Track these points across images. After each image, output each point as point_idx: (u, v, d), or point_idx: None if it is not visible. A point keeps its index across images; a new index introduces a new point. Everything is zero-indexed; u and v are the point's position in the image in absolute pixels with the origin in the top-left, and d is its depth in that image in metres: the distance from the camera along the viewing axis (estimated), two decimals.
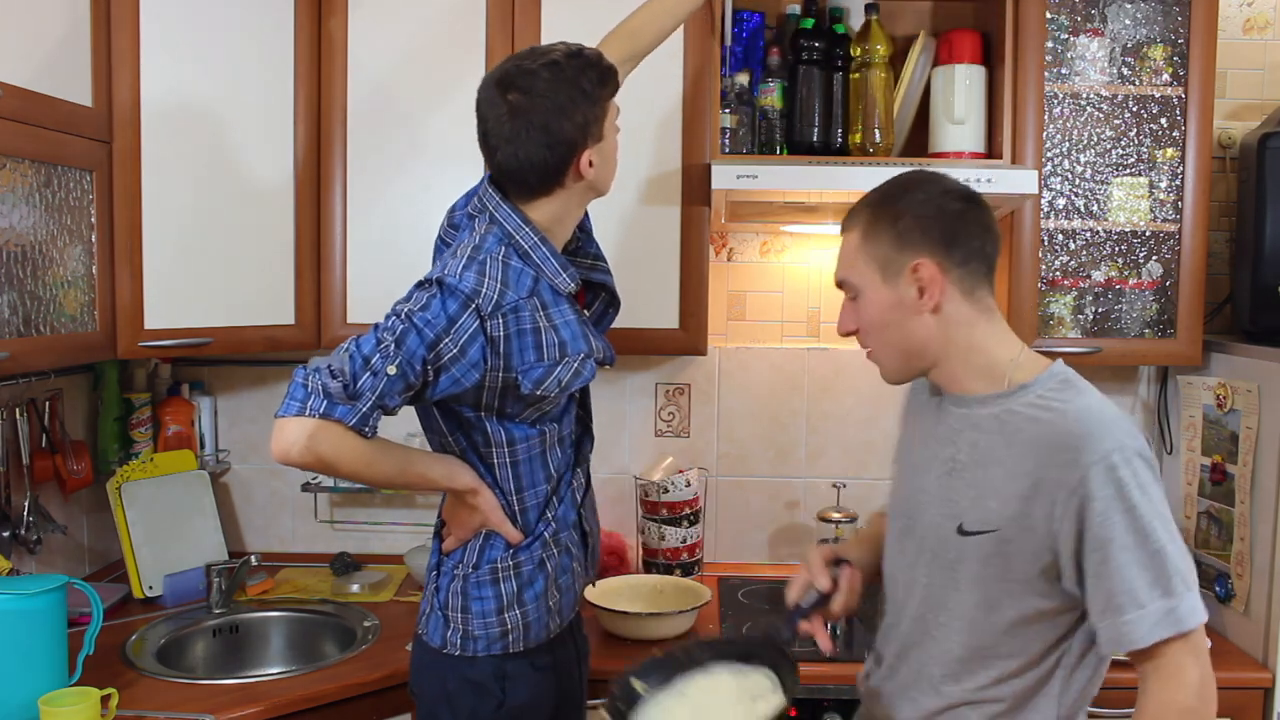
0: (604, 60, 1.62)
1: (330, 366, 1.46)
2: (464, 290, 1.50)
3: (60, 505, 2.31)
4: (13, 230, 1.78)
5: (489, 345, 1.52)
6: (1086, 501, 1.29)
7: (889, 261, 1.40)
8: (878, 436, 2.63)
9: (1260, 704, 2.02)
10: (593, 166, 1.60)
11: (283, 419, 1.44)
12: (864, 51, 2.30)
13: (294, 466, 1.48)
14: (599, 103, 1.59)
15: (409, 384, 1.48)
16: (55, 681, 1.73)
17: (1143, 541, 1.27)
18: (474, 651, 1.64)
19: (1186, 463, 2.33)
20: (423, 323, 1.48)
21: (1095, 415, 1.32)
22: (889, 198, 1.43)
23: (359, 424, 1.45)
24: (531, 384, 1.56)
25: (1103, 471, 1.28)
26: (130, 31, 2.05)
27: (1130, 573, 1.27)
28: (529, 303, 1.56)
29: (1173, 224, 2.28)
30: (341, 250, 2.30)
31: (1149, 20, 2.28)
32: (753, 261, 2.63)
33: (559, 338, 1.59)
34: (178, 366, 2.60)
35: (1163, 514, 1.29)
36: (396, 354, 1.46)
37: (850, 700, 2.00)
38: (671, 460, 2.56)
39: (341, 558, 2.50)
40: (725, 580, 2.50)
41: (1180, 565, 1.28)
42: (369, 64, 2.28)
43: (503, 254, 1.57)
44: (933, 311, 1.39)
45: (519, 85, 1.56)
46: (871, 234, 1.42)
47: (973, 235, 1.39)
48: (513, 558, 1.65)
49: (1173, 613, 1.26)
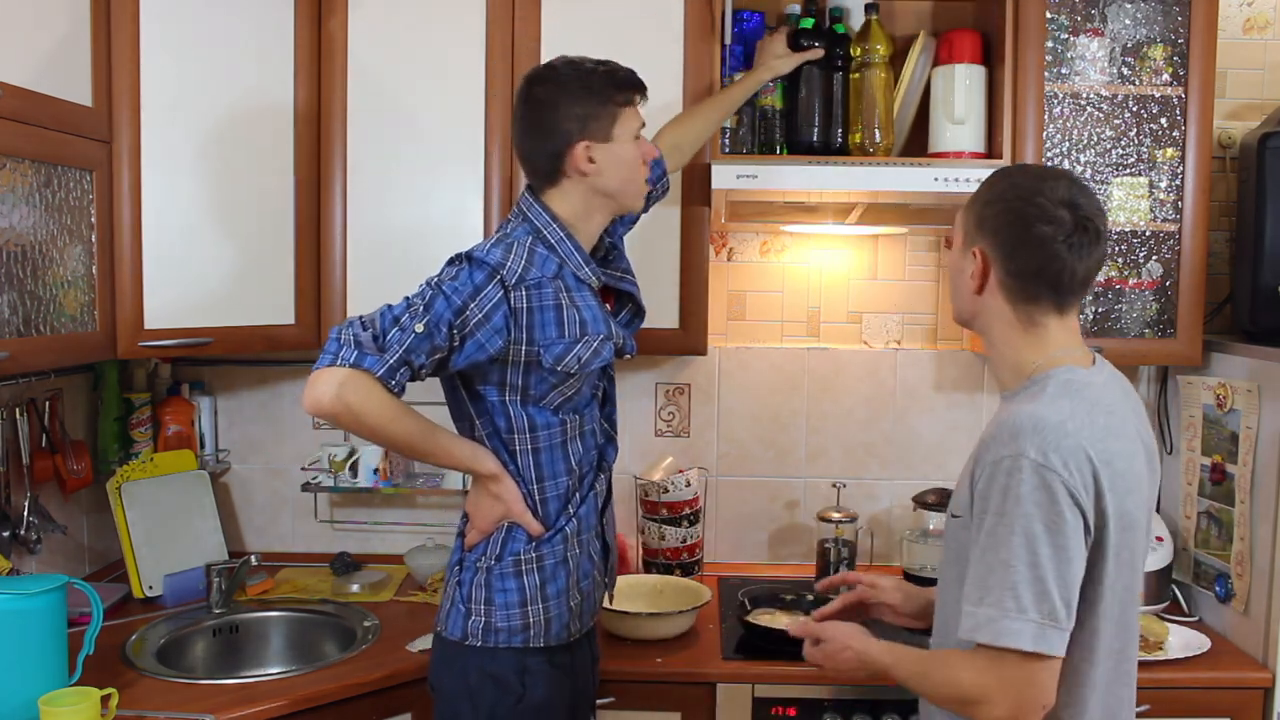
0: (628, 73, 1.72)
1: (363, 319, 1.55)
2: (490, 262, 1.60)
3: (60, 505, 2.30)
4: (13, 230, 1.78)
5: (512, 316, 1.59)
6: (978, 494, 1.35)
7: (969, 235, 1.48)
8: (877, 437, 2.63)
9: (1260, 704, 2.02)
10: (594, 163, 1.68)
11: (317, 370, 1.53)
12: (864, 51, 2.30)
13: (324, 418, 1.57)
14: (607, 103, 1.68)
15: (435, 345, 1.55)
16: (55, 681, 1.73)
17: (996, 547, 1.30)
18: (495, 643, 1.67)
19: (1186, 463, 2.33)
20: (450, 290, 1.57)
21: (1033, 419, 1.33)
22: (1008, 178, 1.46)
23: (386, 375, 1.52)
24: (553, 359, 1.63)
25: (1002, 469, 1.32)
26: (130, 31, 2.04)
27: (976, 570, 1.33)
28: (553, 283, 1.65)
29: (1173, 224, 2.28)
30: (341, 250, 2.30)
31: (1149, 20, 2.28)
32: (753, 261, 2.63)
33: (580, 317, 1.66)
34: (178, 366, 2.60)
35: (1036, 532, 1.28)
36: (424, 314, 1.55)
37: (851, 700, 2.00)
38: (671, 460, 2.56)
39: (341, 558, 2.50)
40: (725, 580, 2.50)
41: (1020, 585, 1.28)
42: (369, 64, 2.28)
43: (530, 241, 1.67)
44: (976, 291, 1.47)
45: (538, 78, 1.71)
46: (973, 201, 1.48)
47: (1037, 259, 1.40)
48: (535, 550, 1.69)
49: (992, 624, 1.29)
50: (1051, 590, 1.28)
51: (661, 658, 2.04)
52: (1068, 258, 1.40)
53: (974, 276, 1.46)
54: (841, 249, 2.61)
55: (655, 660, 2.03)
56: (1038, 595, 1.28)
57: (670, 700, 2.01)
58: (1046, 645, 1.28)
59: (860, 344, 2.64)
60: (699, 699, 2.01)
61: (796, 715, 2.00)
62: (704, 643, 2.12)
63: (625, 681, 2.00)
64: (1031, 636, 1.28)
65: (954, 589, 1.43)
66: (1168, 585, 2.30)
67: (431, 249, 2.23)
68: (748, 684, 2.01)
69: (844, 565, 2.38)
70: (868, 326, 2.63)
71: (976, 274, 1.45)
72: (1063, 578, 1.29)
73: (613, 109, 1.68)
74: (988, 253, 1.44)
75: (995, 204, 1.44)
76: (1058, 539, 1.29)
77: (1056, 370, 1.42)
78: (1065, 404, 1.36)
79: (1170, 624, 2.18)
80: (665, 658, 2.04)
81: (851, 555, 2.40)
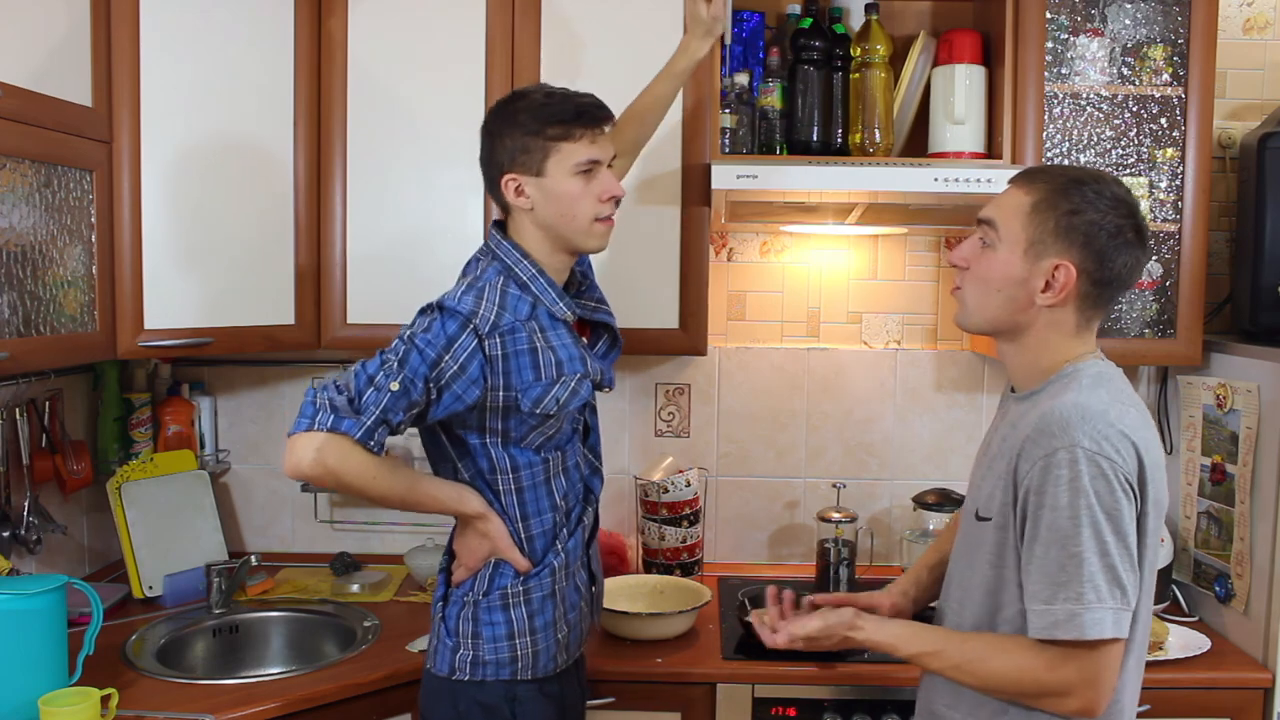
0: (570, 106, 1.64)
1: (337, 383, 1.53)
2: (462, 311, 1.58)
3: (60, 505, 2.31)
4: (13, 230, 1.78)
5: (488, 364, 1.58)
6: (1032, 490, 1.33)
7: (1041, 244, 1.39)
8: (877, 437, 2.63)
9: (1260, 704, 2.02)
10: (525, 197, 1.65)
11: (294, 435, 1.51)
12: (864, 51, 2.30)
13: (307, 481, 1.54)
14: (537, 136, 1.63)
15: (412, 401, 1.53)
16: (55, 681, 1.73)
17: (1063, 542, 1.30)
18: (482, 676, 1.67)
19: (1186, 463, 2.33)
20: (424, 343, 1.55)
21: (1079, 409, 1.33)
22: (1080, 184, 1.40)
23: (364, 437, 1.50)
24: (531, 402, 1.61)
25: (1057, 462, 1.30)
26: (130, 31, 2.04)
27: (1042, 567, 1.31)
28: (526, 325, 1.63)
29: (1173, 224, 2.28)
30: (341, 250, 2.30)
31: (1149, 20, 2.28)
32: (753, 261, 2.63)
33: (556, 358, 1.64)
34: (178, 366, 2.60)
35: (1100, 520, 1.29)
36: (399, 371, 1.52)
37: (851, 700, 2.00)
38: (671, 460, 2.56)
39: (341, 558, 2.49)
40: (725, 580, 2.50)
41: (1096, 575, 1.28)
42: (369, 64, 2.28)
43: (501, 283, 1.65)
44: (1050, 304, 1.41)
45: (497, 104, 1.70)
46: (1045, 208, 1.40)
47: (1125, 270, 1.40)
48: (523, 584, 1.68)
49: (1074, 619, 1.29)
50: (1122, 575, 1.30)
51: (661, 658, 2.04)
52: (1143, 261, 1.41)
53: (1049, 293, 1.39)
54: (841, 249, 2.61)
55: (655, 660, 2.03)
56: (1111, 582, 1.29)
57: (670, 700, 2.01)
58: (1123, 629, 1.30)
59: (860, 344, 2.64)
60: (699, 699, 2.01)
61: (796, 715, 2.00)
62: (704, 643, 2.12)
63: (625, 681, 2.00)
64: (1113, 623, 1.29)
65: (976, 594, 1.43)
66: (1168, 585, 2.30)
67: (431, 249, 2.26)
68: (748, 684, 2.01)
69: (844, 565, 2.38)
70: (868, 326, 2.63)
71: (1060, 288, 1.39)
72: (1128, 560, 1.31)
73: (543, 143, 1.62)
74: (1077, 267, 1.38)
75: (1086, 213, 1.37)
76: (1119, 524, 1.30)
77: (1084, 364, 1.42)
78: (1103, 393, 1.37)
79: (1170, 624, 2.18)
80: (665, 658, 2.04)
81: (851, 555, 2.40)
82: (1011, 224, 1.41)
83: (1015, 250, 1.41)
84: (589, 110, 1.65)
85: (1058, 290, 1.39)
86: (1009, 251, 1.41)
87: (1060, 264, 1.38)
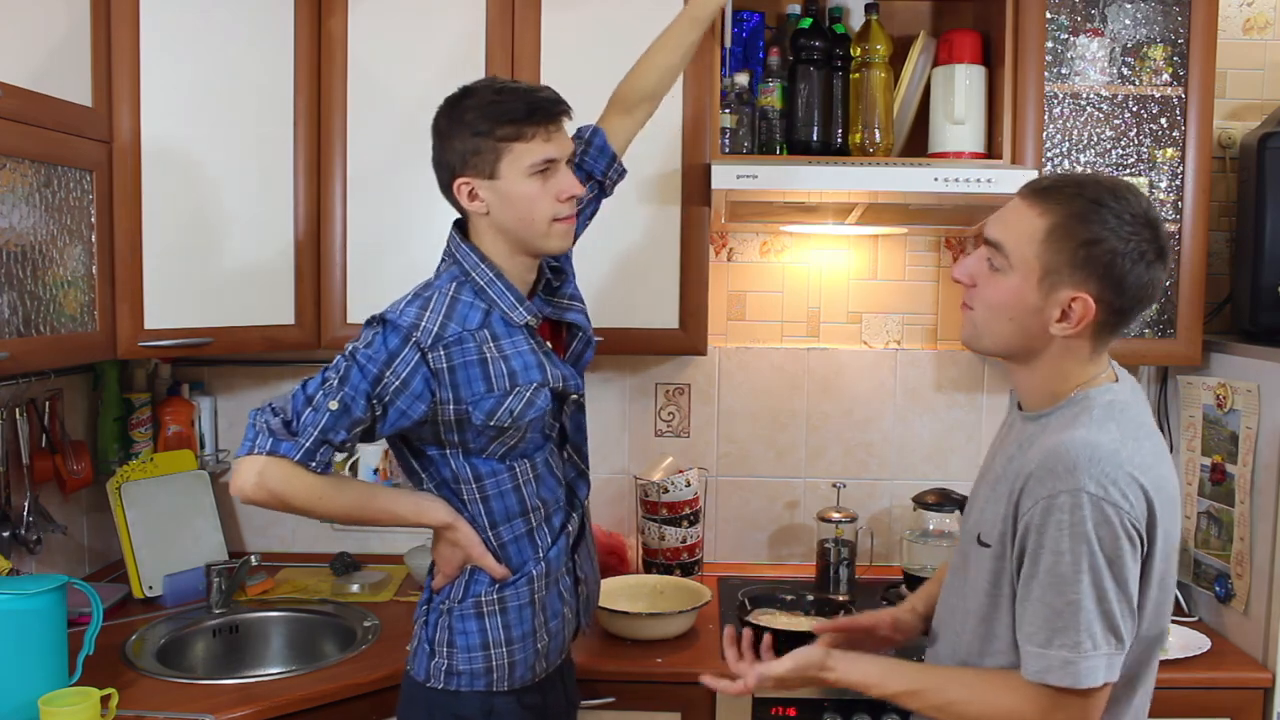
0: (523, 105, 1.56)
1: (273, 405, 1.52)
2: (404, 325, 1.54)
3: (60, 505, 2.31)
4: (13, 230, 1.78)
5: (433, 377, 1.54)
6: (1032, 528, 1.29)
7: (1056, 273, 1.31)
8: (877, 437, 2.63)
9: (1260, 704, 2.02)
10: (480, 201, 1.60)
11: (237, 459, 1.50)
12: (864, 51, 2.30)
13: (252, 504, 1.52)
14: (488, 137, 1.56)
15: (355, 419, 1.51)
16: (55, 681, 1.73)
17: (1061, 587, 1.27)
18: (457, 686, 1.64)
19: (1186, 463, 2.33)
20: (365, 359, 1.52)
21: (1088, 449, 1.28)
22: (1099, 206, 1.30)
23: (304, 459, 1.49)
24: (483, 415, 1.57)
25: (1059, 505, 1.26)
26: (130, 31, 2.04)
27: (1039, 611, 1.29)
28: (476, 335, 1.58)
29: (1173, 224, 2.28)
30: (341, 250, 2.30)
31: (1149, 20, 2.28)
32: (753, 261, 2.63)
33: (509, 368, 1.59)
34: (178, 366, 2.60)
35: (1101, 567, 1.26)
36: (339, 390, 1.50)
37: (851, 700, 2.00)
38: (671, 460, 2.56)
39: (341, 558, 2.49)
40: (725, 580, 2.50)
41: (1093, 623, 1.26)
42: (369, 64, 2.28)
43: (453, 290, 1.60)
44: (1067, 336, 1.34)
45: (444, 103, 1.63)
46: (1060, 236, 1.31)
47: (1147, 292, 1.34)
48: (497, 592, 1.65)
49: (1069, 666, 1.27)
50: (1118, 621, 1.27)
51: (661, 658, 2.04)
52: (1164, 277, 1.35)
53: (1064, 324, 1.32)
54: (841, 249, 2.61)
55: (655, 660, 2.03)
56: (1106, 630, 1.27)
57: (670, 700, 2.01)
58: (1114, 674, 1.29)
59: (860, 344, 2.64)
60: (699, 699, 2.00)
61: (796, 715, 2.00)
62: (704, 643, 2.12)
63: (625, 681, 2.00)
64: (1105, 670, 1.27)
65: (970, 619, 1.41)
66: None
67: (431, 248, 2.25)
68: None
69: (844, 565, 2.38)
70: (868, 326, 2.63)
71: (1077, 319, 1.32)
72: (1126, 606, 1.28)
73: (494, 144, 1.55)
74: (1096, 299, 1.30)
75: (1105, 243, 1.29)
76: (1120, 571, 1.27)
77: (1095, 391, 1.36)
78: (1113, 429, 1.31)
79: (1170, 624, 2.17)
80: (665, 658, 2.04)
81: (851, 555, 2.40)
82: (1023, 250, 1.33)
83: (1029, 279, 1.33)
84: (542, 106, 1.57)
85: (1074, 322, 1.32)
86: (1021, 280, 1.33)
87: (1078, 296, 1.31)
